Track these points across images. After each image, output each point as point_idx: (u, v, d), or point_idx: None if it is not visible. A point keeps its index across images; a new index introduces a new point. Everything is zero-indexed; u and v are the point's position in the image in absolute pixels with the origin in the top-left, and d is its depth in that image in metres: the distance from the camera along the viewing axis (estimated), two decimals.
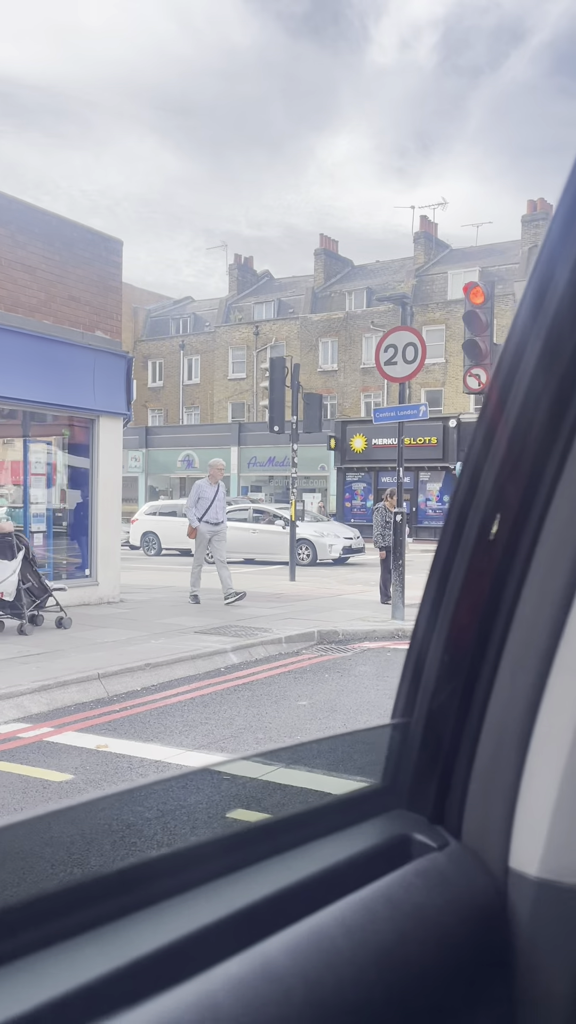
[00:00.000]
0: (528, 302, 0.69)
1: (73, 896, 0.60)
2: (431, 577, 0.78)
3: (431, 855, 0.74)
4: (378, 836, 0.76)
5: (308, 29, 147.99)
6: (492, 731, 0.75)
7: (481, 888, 0.73)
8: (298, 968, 0.57)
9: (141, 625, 8.97)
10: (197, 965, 0.55)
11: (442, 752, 0.78)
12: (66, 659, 6.99)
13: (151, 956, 0.55)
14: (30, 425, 10.90)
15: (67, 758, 4.74)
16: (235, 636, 8.24)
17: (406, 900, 0.67)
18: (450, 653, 0.77)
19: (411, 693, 0.81)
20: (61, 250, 10.37)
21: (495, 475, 0.72)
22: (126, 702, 6.11)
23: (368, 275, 40.11)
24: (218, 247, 53.00)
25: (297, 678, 6.98)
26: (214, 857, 0.68)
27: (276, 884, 0.65)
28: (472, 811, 0.77)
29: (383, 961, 0.62)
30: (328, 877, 0.68)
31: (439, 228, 39.24)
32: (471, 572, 0.75)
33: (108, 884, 0.62)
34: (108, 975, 0.53)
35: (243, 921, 0.61)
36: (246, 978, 0.54)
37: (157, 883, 0.63)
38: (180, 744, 4.98)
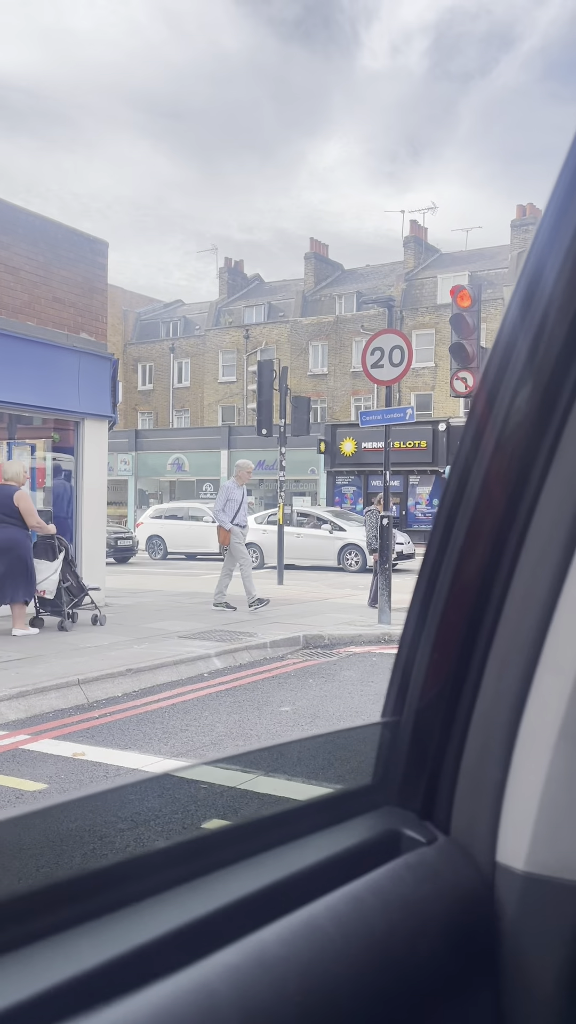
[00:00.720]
0: (516, 305, 0.70)
1: (74, 887, 0.62)
2: (420, 577, 0.79)
3: (420, 850, 0.75)
4: (369, 831, 0.78)
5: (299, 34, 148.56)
6: (479, 728, 0.76)
7: (469, 882, 0.75)
8: (292, 957, 0.59)
9: (125, 630, 8.87)
10: (195, 954, 0.56)
11: (431, 749, 0.79)
12: (46, 664, 6.89)
13: (147, 946, 0.57)
14: (16, 428, 10.81)
15: (42, 766, 4.64)
16: (219, 641, 8.16)
17: (395, 893, 0.69)
18: (439, 652, 0.78)
19: (400, 692, 0.82)
20: (45, 251, 10.28)
21: (483, 477, 0.73)
22: (106, 708, 6.01)
23: (358, 279, 40.15)
24: (209, 251, 53.11)
25: (281, 683, 6.90)
26: (211, 851, 0.70)
27: (270, 877, 0.67)
28: (460, 807, 0.78)
29: (373, 951, 0.64)
30: (320, 870, 0.70)
31: (429, 233, 39.35)
32: (459, 572, 0.76)
33: (103, 878, 0.64)
34: (107, 963, 0.54)
35: (239, 912, 0.63)
36: (242, 966, 0.56)
37: (152, 877, 0.64)
38: (159, 752, 4.90)
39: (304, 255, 40.97)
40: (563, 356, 0.67)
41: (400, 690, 0.83)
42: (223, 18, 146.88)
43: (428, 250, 38.82)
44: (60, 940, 0.57)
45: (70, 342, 10.48)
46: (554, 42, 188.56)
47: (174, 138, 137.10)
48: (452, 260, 37.99)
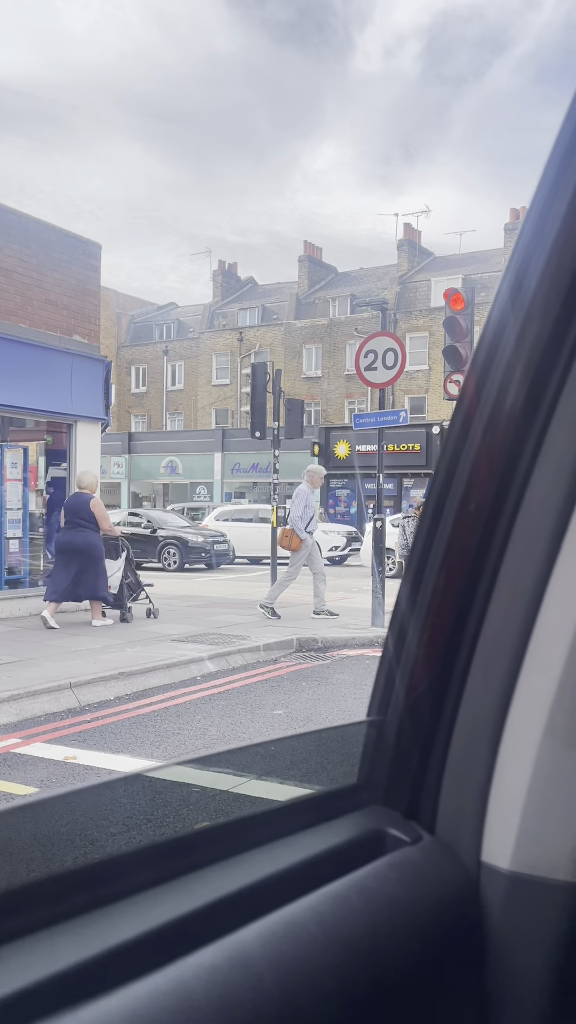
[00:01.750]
0: (504, 294, 0.70)
1: (50, 885, 0.61)
2: (406, 576, 0.79)
3: (405, 849, 0.75)
4: (353, 831, 0.77)
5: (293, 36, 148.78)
6: (465, 727, 0.76)
7: (454, 881, 0.74)
8: (271, 957, 0.58)
9: (117, 633, 8.84)
10: (171, 954, 0.55)
11: (416, 748, 0.79)
12: (38, 668, 6.85)
13: (125, 945, 0.56)
14: (8, 430, 10.77)
15: (33, 770, 4.61)
16: (212, 644, 8.14)
17: (379, 892, 0.68)
18: (424, 651, 0.78)
19: (386, 691, 0.82)
20: (38, 253, 10.26)
21: (468, 476, 0.73)
22: (98, 712, 5.99)
23: (352, 282, 40.22)
24: (202, 253, 53.20)
25: (274, 687, 6.88)
26: (192, 850, 0.69)
27: (251, 876, 0.66)
28: (446, 806, 0.78)
29: (356, 951, 0.63)
30: (303, 870, 0.69)
31: (423, 236, 39.46)
32: (444, 571, 0.76)
33: (84, 876, 0.63)
34: (81, 964, 0.54)
35: (218, 912, 0.62)
36: (220, 966, 0.55)
37: (134, 876, 0.63)
38: (151, 755, 4.87)
39: (298, 258, 41.05)
40: (548, 353, 0.68)
41: (386, 689, 0.83)
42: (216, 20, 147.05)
43: (422, 253, 38.93)
44: (35, 940, 0.56)
45: (63, 344, 10.45)
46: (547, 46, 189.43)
47: (167, 140, 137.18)
48: (446, 263, 38.09)
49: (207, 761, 0.83)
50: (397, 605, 0.81)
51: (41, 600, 10.41)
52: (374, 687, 0.84)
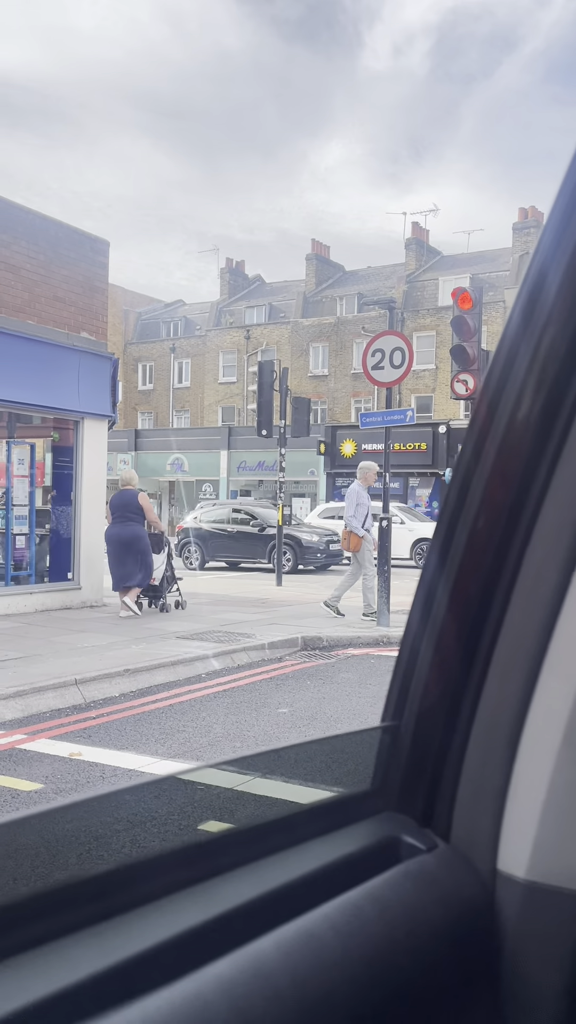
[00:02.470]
0: (519, 311, 0.69)
1: (63, 896, 0.60)
2: (422, 581, 0.79)
3: (420, 857, 0.74)
4: (368, 838, 0.77)
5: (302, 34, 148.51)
6: (481, 734, 0.75)
7: (469, 890, 0.74)
8: (288, 968, 0.57)
9: (122, 630, 8.85)
10: (188, 965, 0.55)
11: (431, 755, 0.78)
12: (44, 664, 6.87)
13: (142, 956, 0.55)
14: (15, 427, 10.79)
15: (39, 766, 4.63)
16: (217, 642, 8.14)
17: (395, 901, 0.67)
18: (440, 656, 0.77)
19: (401, 696, 0.81)
20: (46, 250, 10.27)
21: (486, 480, 0.72)
22: (103, 708, 6.00)
23: (359, 281, 40.16)
24: (210, 251, 53.20)
25: (279, 685, 6.88)
26: (205, 858, 0.68)
27: (267, 885, 0.66)
28: (461, 814, 0.77)
29: (372, 961, 0.62)
30: (318, 878, 0.68)
31: (431, 235, 39.39)
32: (461, 576, 0.75)
33: (99, 884, 0.62)
34: (98, 975, 0.53)
35: (234, 922, 0.61)
36: (237, 978, 0.55)
37: (149, 883, 0.63)
38: (155, 752, 4.88)
39: (305, 256, 40.99)
40: (566, 363, 0.67)
41: (400, 694, 0.82)
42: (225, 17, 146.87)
43: (430, 252, 38.84)
44: (48, 950, 0.55)
45: (70, 341, 10.46)
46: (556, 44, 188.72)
47: (176, 137, 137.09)
48: (454, 262, 38.00)
49: (218, 767, 0.83)
50: (413, 610, 0.80)
51: (47, 595, 10.45)
52: (389, 692, 0.84)
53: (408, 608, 0.82)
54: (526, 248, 34.21)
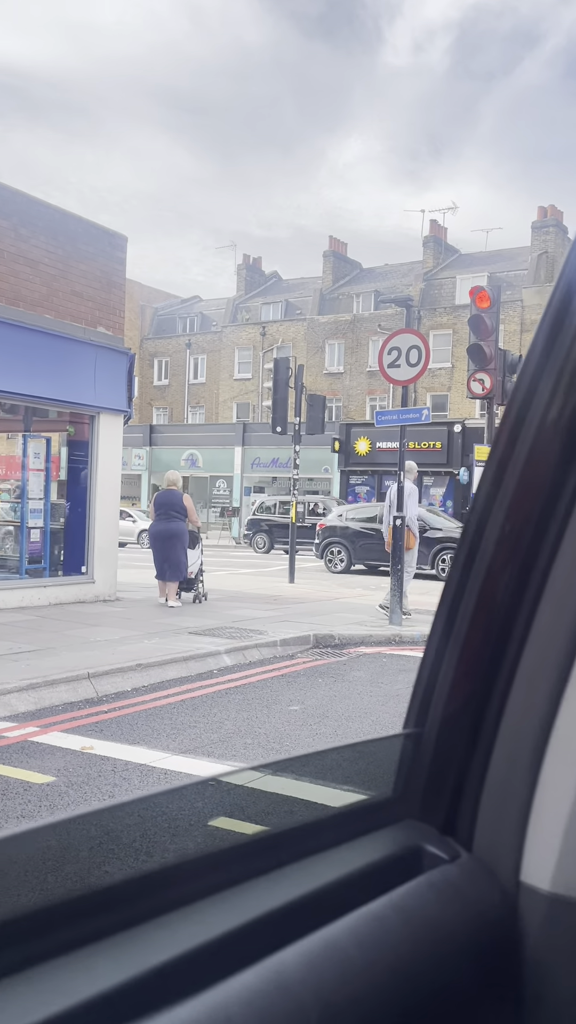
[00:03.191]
0: (544, 332, 0.68)
1: (83, 905, 0.59)
2: (448, 585, 0.77)
3: (442, 867, 0.73)
4: (389, 847, 0.76)
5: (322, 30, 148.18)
6: (506, 742, 0.74)
7: (492, 902, 0.72)
8: (312, 981, 0.56)
9: (135, 624, 8.88)
10: (211, 976, 0.54)
11: (455, 762, 0.78)
12: (57, 657, 6.90)
13: (164, 967, 0.55)
14: (32, 421, 10.84)
15: (51, 759, 4.65)
16: (229, 638, 8.15)
17: (418, 913, 0.67)
18: (465, 663, 0.76)
19: (424, 703, 0.80)
20: (64, 244, 10.30)
21: (515, 486, 0.71)
22: (115, 703, 6.02)
23: (377, 278, 40.03)
24: (227, 247, 53.11)
25: (290, 682, 6.88)
26: (225, 867, 0.67)
27: (289, 895, 0.65)
28: (484, 823, 0.76)
29: (396, 975, 0.62)
30: (340, 888, 0.68)
31: (449, 232, 39.16)
32: (488, 581, 0.74)
33: (119, 893, 0.61)
34: (120, 985, 0.52)
35: (256, 932, 0.60)
36: (260, 990, 0.54)
37: (168, 893, 0.62)
38: (167, 748, 4.89)
39: (323, 253, 40.89)
40: None
41: (424, 701, 0.81)
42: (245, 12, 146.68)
43: (447, 250, 38.66)
44: (71, 960, 0.54)
45: (87, 336, 10.49)
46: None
47: (194, 133, 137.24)
48: (471, 260, 37.81)
49: (238, 774, 0.82)
50: (438, 615, 0.79)
51: (60, 589, 10.51)
52: (412, 698, 0.83)
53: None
54: (544, 247, 33.98)
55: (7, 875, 0.60)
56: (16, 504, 10.74)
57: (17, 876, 0.60)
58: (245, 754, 4.83)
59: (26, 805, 3.92)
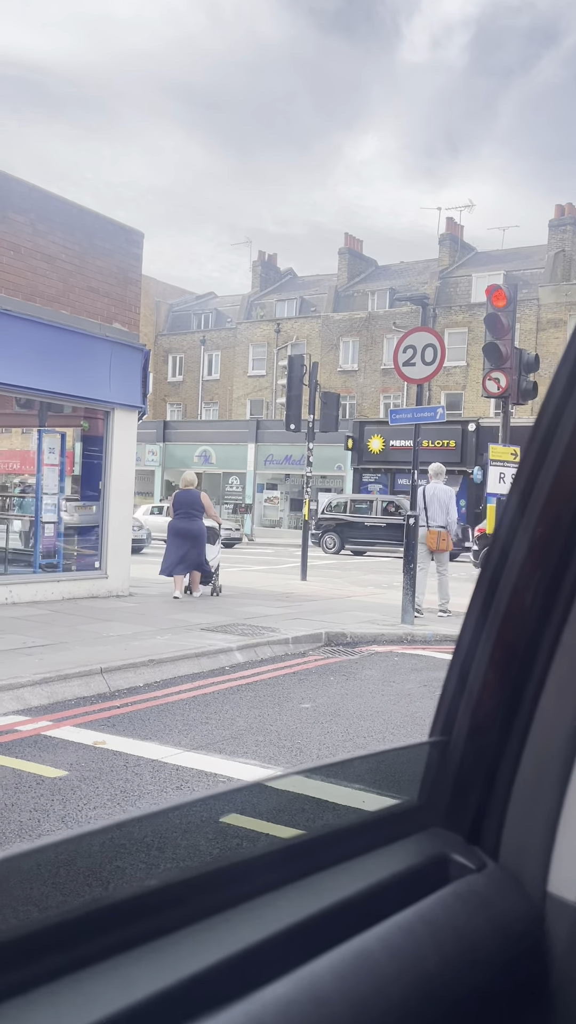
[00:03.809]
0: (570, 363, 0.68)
1: (115, 914, 0.59)
2: (477, 592, 0.77)
3: (469, 877, 0.72)
4: (416, 855, 0.75)
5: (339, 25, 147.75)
6: (534, 751, 0.74)
7: (519, 913, 0.71)
8: (345, 992, 0.56)
9: (148, 620, 8.91)
10: (245, 986, 0.54)
11: (482, 771, 0.77)
12: (70, 652, 6.94)
13: (197, 977, 0.54)
14: (47, 416, 10.89)
15: (63, 753, 4.68)
16: (241, 635, 8.17)
17: (447, 923, 0.67)
18: (494, 670, 0.76)
19: (451, 711, 0.80)
20: (81, 240, 10.33)
21: (547, 490, 0.71)
22: (127, 698, 6.04)
23: (392, 276, 39.92)
24: (242, 243, 52.98)
25: (302, 680, 6.89)
26: (253, 875, 0.67)
27: (319, 904, 0.64)
28: (511, 832, 0.75)
29: (426, 986, 0.62)
30: (369, 897, 0.68)
31: (465, 230, 38.99)
32: (518, 588, 0.73)
33: (151, 902, 0.61)
34: (154, 996, 0.52)
35: (288, 941, 0.60)
36: (295, 1001, 0.54)
37: (199, 901, 0.62)
38: (178, 744, 4.91)
39: (338, 250, 40.82)
40: None
41: (451, 709, 0.80)
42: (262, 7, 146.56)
43: (464, 248, 38.49)
44: (103, 969, 0.54)
45: (103, 332, 10.53)
46: None
47: (210, 128, 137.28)
48: (488, 259, 37.63)
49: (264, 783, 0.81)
50: (466, 621, 0.79)
51: (74, 584, 10.57)
52: (438, 706, 0.82)
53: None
54: (562, 245, 33.77)
55: (54, 881, 0.60)
56: (30, 499, 10.80)
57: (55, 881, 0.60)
58: (257, 751, 4.84)
59: (39, 799, 3.94)
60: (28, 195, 9.72)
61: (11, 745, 4.81)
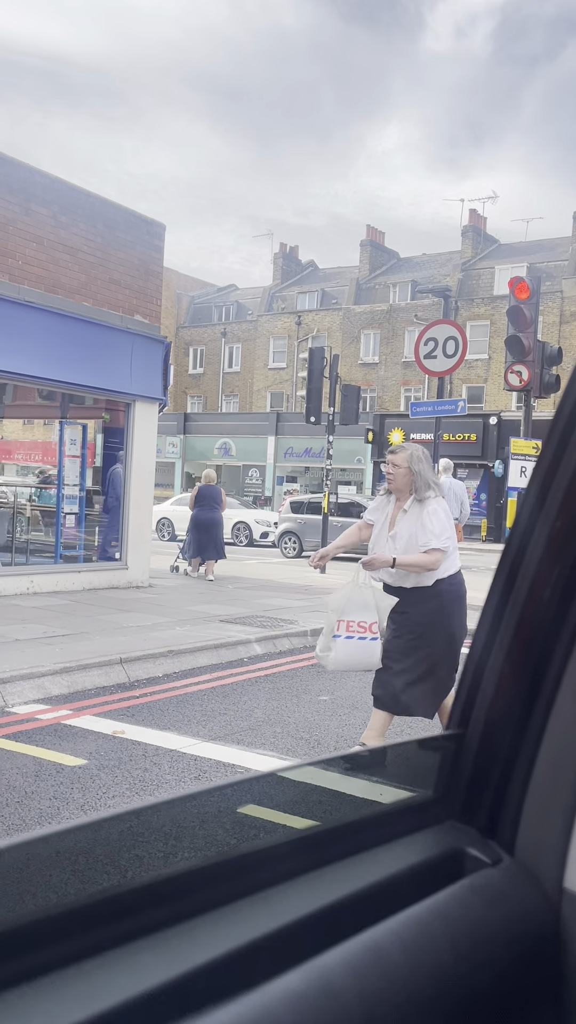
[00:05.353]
0: None
1: (128, 901, 0.59)
2: (494, 585, 0.76)
3: (485, 871, 0.72)
4: (431, 848, 0.75)
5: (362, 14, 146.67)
6: (552, 746, 0.73)
7: (535, 908, 0.71)
8: (356, 985, 0.56)
9: (167, 611, 8.96)
10: (256, 976, 0.54)
11: (498, 764, 0.77)
12: (90, 642, 7.00)
13: (208, 966, 0.54)
14: (68, 407, 10.96)
15: (83, 742, 4.72)
16: (260, 627, 8.19)
17: (462, 918, 0.65)
18: (511, 664, 0.75)
19: (468, 704, 0.79)
20: (103, 232, 10.36)
21: (566, 484, 0.70)
22: (147, 688, 6.09)
23: (414, 268, 39.67)
24: (264, 235, 52.97)
25: (320, 672, 6.89)
26: (267, 866, 0.67)
27: (332, 895, 0.64)
28: (527, 827, 0.75)
29: (439, 980, 0.60)
30: (383, 890, 0.67)
31: (488, 222, 38.64)
32: (536, 582, 0.72)
33: (163, 890, 0.61)
34: (164, 985, 0.51)
35: (300, 932, 0.60)
36: (305, 993, 0.54)
37: (212, 890, 0.62)
38: (197, 734, 4.94)
39: (360, 242, 40.60)
40: None
41: (467, 702, 0.80)
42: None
43: (486, 240, 38.15)
44: (114, 957, 0.54)
45: (124, 324, 10.56)
46: None
47: (231, 119, 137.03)
48: (511, 251, 37.28)
49: (280, 772, 0.81)
50: (484, 615, 0.78)
51: (94, 574, 10.66)
52: (455, 699, 0.82)
53: None
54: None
55: (73, 868, 0.60)
56: (52, 490, 10.88)
57: (74, 868, 0.60)
58: (275, 743, 4.85)
59: (59, 787, 3.98)
60: (51, 187, 9.76)
61: (32, 733, 4.87)
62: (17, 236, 9.32)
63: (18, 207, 9.33)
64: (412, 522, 4.24)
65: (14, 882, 0.57)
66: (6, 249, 9.22)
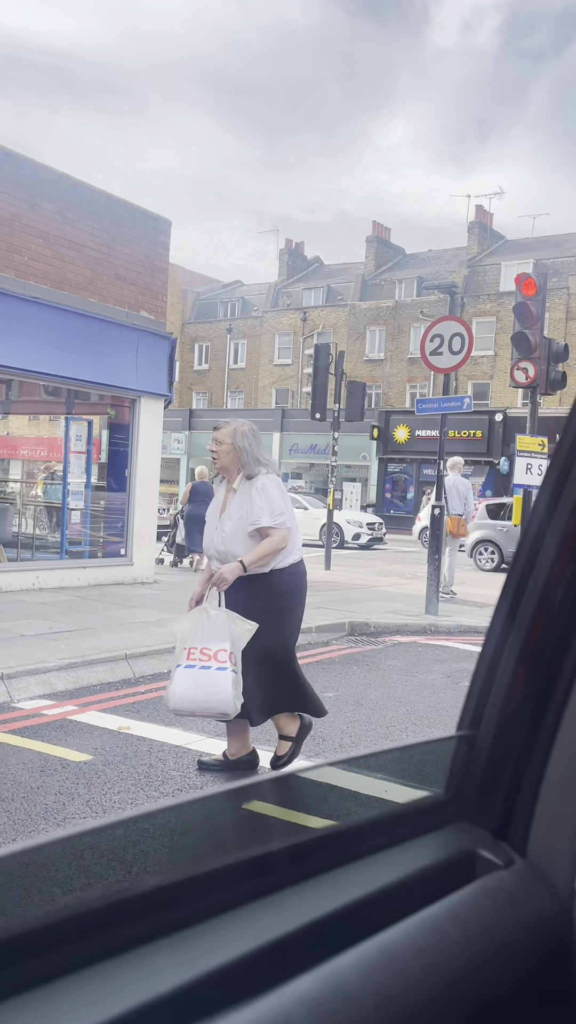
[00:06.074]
0: None
1: (141, 904, 0.59)
2: (507, 584, 0.76)
3: (497, 873, 0.72)
4: (443, 850, 0.74)
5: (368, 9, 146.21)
6: (565, 747, 0.73)
7: (548, 909, 0.70)
8: (370, 988, 0.56)
9: (172, 607, 8.96)
10: (270, 980, 0.54)
11: (510, 765, 0.76)
12: (95, 637, 7.01)
13: (222, 969, 0.54)
14: (74, 403, 10.97)
15: (88, 738, 4.73)
16: None
17: (474, 920, 0.65)
18: (523, 665, 0.75)
19: (479, 704, 0.79)
20: (109, 228, 10.36)
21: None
22: (152, 684, 6.09)
23: (420, 264, 39.58)
24: (269, 231, 52.94)
25: (325, 669, 6.89)
26: (282, 866, 0.67)
27: (344, 897, 0.64)
28: (539, 828, 0.75)
29: (452, 983, 0.60)
30: (395, 892, 0.67)
31: (495, 218, 38.53)
32: (549, 582, 0.72)
33: (177, 893, 0.61)
34: (179, 988, 0.51)
35: (314, 935, 0.60)
36: (320, 996, 0.53)
37: (224, 893, 0.62)
38: (201, 731, 4.94)
39: (365, 238, 40.52)
40: None
41: (479, 702, 0.79)
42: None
43: (493, 236, 38.04)
44: (126, 960, 0.54)
45: (130, 320, 10.56)
46: None
47: (237, 115, 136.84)
48: (517, 247, 37.16)
49: (290, 776, 0.80)
50: (496, 614, 0.78)
51: (100, 570, 10.70)
52: (466, 699, 0.81)
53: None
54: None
55: (79, 864, 0.60)
56: (57, 486, 10.89)
57: (80, 864, 0.60)
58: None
59: (64, 782, 3.99)
60: (57, 183, 9.75)
61: (37, 729, 4.88)
62: (23, 232, 9.32)
63: (24, 203, 9.33)
64: (243, 501, 3.89)
65: (24, 885, 0.57)
66: (12, 245, 9.22)
